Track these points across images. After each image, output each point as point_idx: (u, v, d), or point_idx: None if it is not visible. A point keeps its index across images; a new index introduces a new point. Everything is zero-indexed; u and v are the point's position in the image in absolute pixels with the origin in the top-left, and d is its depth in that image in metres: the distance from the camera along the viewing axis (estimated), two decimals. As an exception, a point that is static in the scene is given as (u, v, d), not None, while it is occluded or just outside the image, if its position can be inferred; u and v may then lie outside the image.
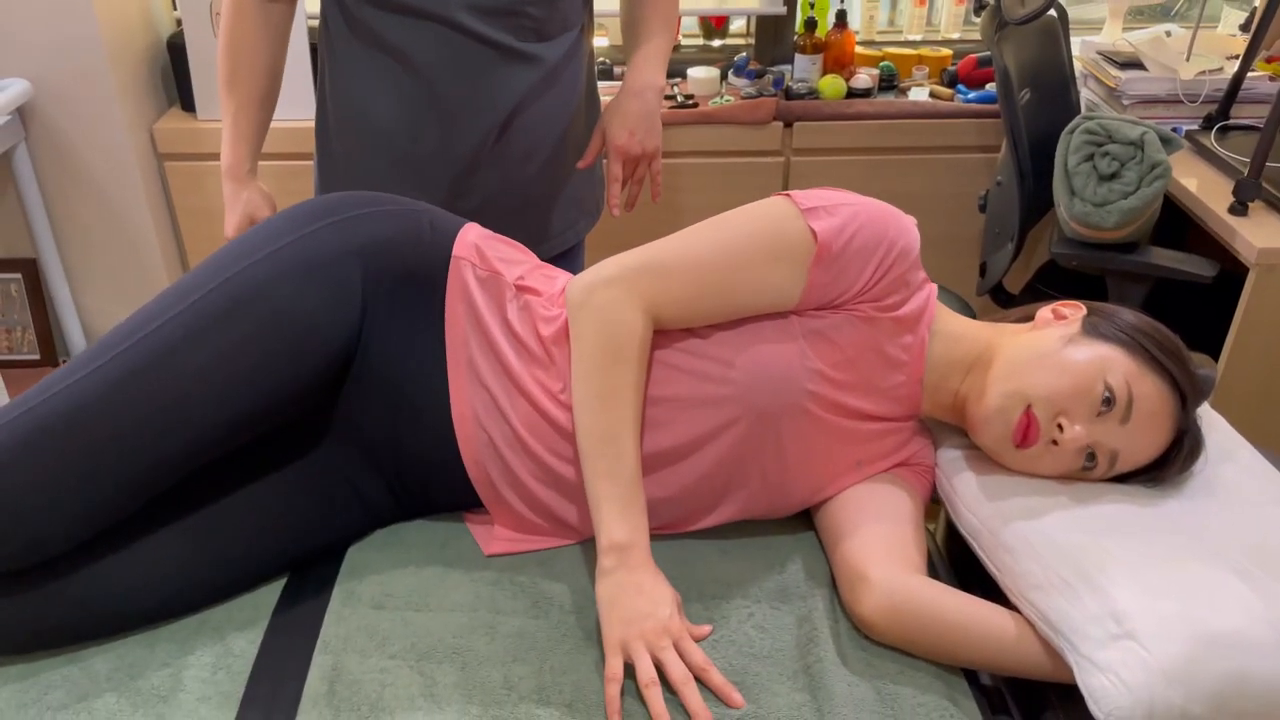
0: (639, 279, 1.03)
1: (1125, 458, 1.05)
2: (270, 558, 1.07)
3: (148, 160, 2.34)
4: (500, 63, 1.36)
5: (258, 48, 1.39)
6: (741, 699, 0.94)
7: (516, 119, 1.41)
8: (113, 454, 0.95)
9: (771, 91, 2.37)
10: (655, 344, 1.07)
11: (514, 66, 1.37)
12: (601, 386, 1.01)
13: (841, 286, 1.06)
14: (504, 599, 1.06)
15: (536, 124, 1.43)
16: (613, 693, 0.92)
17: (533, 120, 1.42)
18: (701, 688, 0.94)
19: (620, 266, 1.04)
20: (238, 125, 1.42)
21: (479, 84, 1.36)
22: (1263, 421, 1.80)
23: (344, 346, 1.05)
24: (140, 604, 1.01)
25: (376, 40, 1.36)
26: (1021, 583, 0.98)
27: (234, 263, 1.02)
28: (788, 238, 1.04)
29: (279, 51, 1.42)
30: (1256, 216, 1.79)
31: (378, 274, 1.06)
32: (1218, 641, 0.87)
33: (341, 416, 1.08)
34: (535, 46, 1.38)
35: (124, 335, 0.99)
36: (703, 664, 0.95)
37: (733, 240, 1.05)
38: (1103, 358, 1.03)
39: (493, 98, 1.37)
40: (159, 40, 2.38)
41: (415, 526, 1.15)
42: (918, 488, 1.14)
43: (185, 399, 0.97)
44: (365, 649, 1.00)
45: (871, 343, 1.08)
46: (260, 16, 1.37)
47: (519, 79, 1.38)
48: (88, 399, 0.95)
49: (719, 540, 1.15)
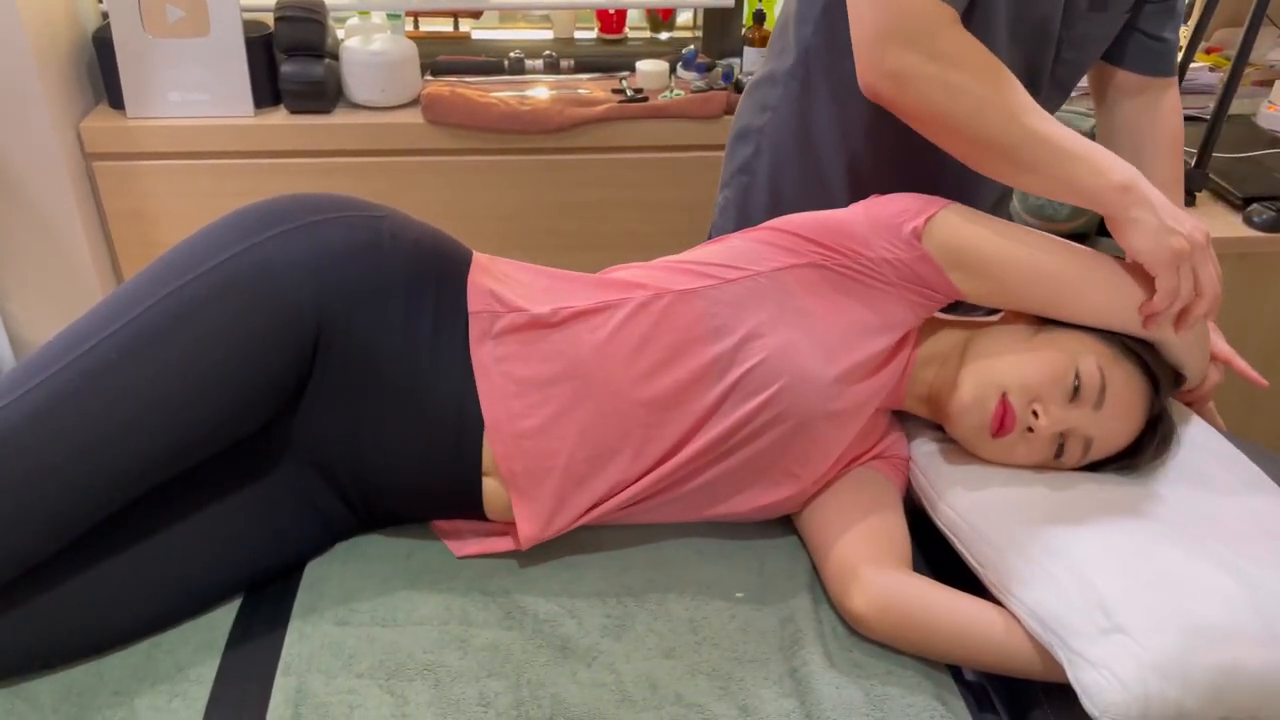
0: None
1: (1099, 444, 1.05)
2: (224, 578, 1.02)
3: (75, 160, 2.23)
4: None
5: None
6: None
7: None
8: (43, 488, 0.87)
9: (721, 85, 2.35)
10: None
11: None
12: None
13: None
14: (475, 610, 1.02)
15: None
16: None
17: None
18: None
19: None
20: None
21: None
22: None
23: (295, 364, 0.98)
24: (86, 632, 0.94)
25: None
26: (1006, 577, 0.97)
27: (175, 276, 0.95)
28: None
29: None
30: (1203, 206, 1.82)
31: (333, 287, 0.99)
32: (1208, 633, 0.86)
33: (296, 430, 1.03)
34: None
35: (54, 357, 0.91)
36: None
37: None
38: (1075, 343, 1.04)
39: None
40: (84, 35, 2.28)
41: (377, 538, 1.10)
42: (895, 480, 1.13)
43: (123, 424, 0.89)
44: (330, 669, 0.95)
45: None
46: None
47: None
48: (13, 429, 0.87)
49: (697, 539, 1.12)
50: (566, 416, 1.02)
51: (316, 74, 2.19)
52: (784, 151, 1.30)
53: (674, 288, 1.05)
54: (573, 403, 1.02)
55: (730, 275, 1.05)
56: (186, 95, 2.21)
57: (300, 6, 2.18)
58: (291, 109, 2.24)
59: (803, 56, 1.23)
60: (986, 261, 1.03)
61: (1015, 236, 1.04)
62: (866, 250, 1.05)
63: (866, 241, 1.05)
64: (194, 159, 2.24)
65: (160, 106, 2.22)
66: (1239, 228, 1.75)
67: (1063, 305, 1.05)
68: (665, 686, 0.94)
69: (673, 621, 1.01)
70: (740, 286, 1.05)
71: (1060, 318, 1.06)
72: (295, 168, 2.25)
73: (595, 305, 1.04)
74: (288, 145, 2.25)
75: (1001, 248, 1.03)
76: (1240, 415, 1.87)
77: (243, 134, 2.22)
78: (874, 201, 1.09)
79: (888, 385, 1.08)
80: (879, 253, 1.05)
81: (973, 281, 1.05)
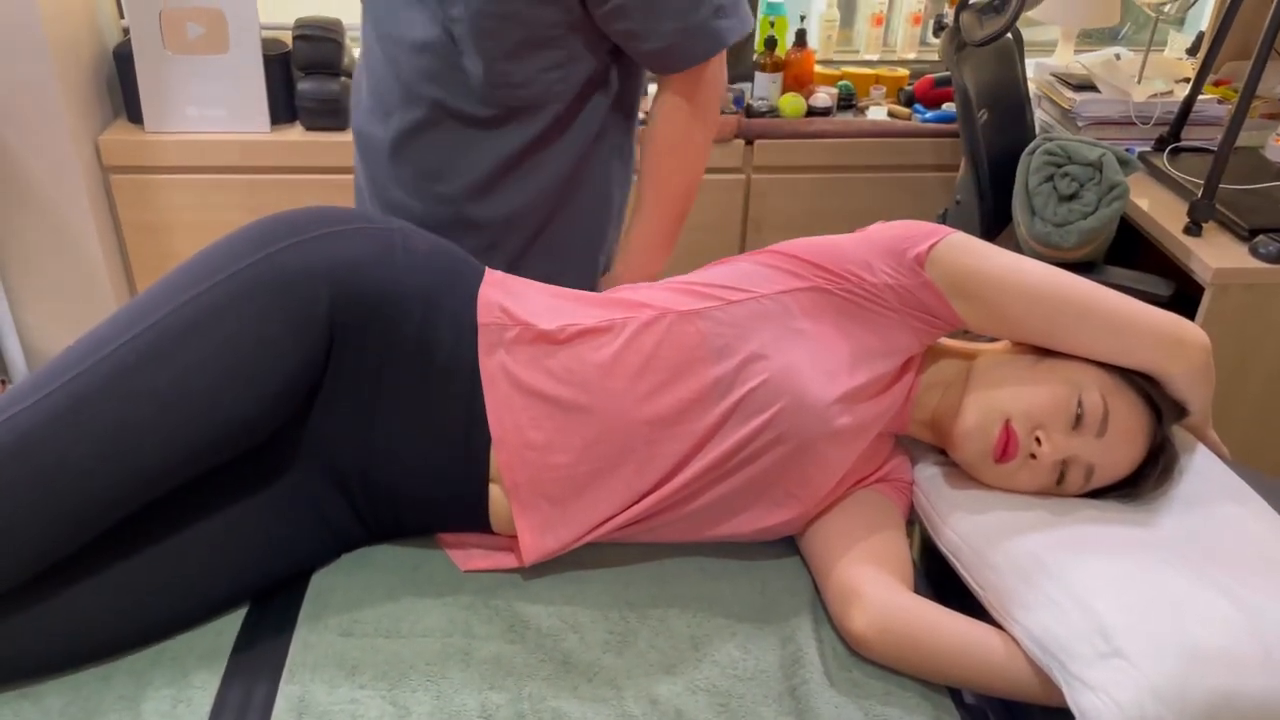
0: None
1: (1101, 472, 1.05)
2: (232, 585, 1.03)
3: (93, 173, 2.26)
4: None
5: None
6: None
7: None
8: (62, 487, 0.89)
9: (733, 110, 2.38)
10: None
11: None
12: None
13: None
14: (479, 623, 1.02)
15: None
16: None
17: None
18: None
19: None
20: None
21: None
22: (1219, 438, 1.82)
23: (309, 371, 1.00)
24: (95, 636, 0.95)
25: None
26: (1007, 600, 0.97)
27: (192, 284, 0.97)
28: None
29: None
30: (1210, 237, 1.83)
31: (347, 295, 1.01)
32: (1207, 659, 0.86)
33: (307, 438, 1.04)
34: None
35: (74, 360, 0.93)
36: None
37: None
38: (1079, 372, 1.05)
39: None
40: (105, 50, 2.32)
41: (384, 549, 1.11)
42: (898, 503, 1.13)
43: (139, 427, 0.91)
44: (334, 679, 0.95)
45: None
46: None
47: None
48: (35, 429, 0.89)
49: (700, 559, 1.12)
50: (570, 431, 1.03)
51: (333, 91, 2.22)
52: None
53: (678, 308, 1.06)
54: (577, 418, 1.03)
55: (734, 297, 1.06)
56: (204, 110, 2.24)
57: (318, 25, 2.21)
58: (307, 125, 2.27)
59: None
60: (988, 291, 1.04)
61: (1018, 267, 1.05)
62: (870, 276, 1.06)
63: (870, 267, 1.06)
64: (210, 173, 2.27)
65: (178, 121, 2.25)
66: (1246, 259, 1.76)
67: (1064, 337, 1.06)
68: (665, 702, 0.95)
69: (674, 638, 1.02)
70: (743, 308, 1.06)
71: (1061, 349, 1.07)
72: (310, 183, 2.28)
73: (600, 324, 1.06)
74: (303, 161, 2.27)
75: (1003, 278, 1.04)
76: (1245, 442, 1.87)
77: (258, 149, 2.25)
78: (878, 228, 1.10)
79: (890, 409, 1.09)
80: (882, 278, 1.06)
81: (974, 310, 1.06)
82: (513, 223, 1.33)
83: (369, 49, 1.28)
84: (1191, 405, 1.10)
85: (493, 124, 1.25)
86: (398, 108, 1.26)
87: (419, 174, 1.30)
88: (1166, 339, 1.05)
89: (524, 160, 1.29)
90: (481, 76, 1.20)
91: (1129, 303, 1.06)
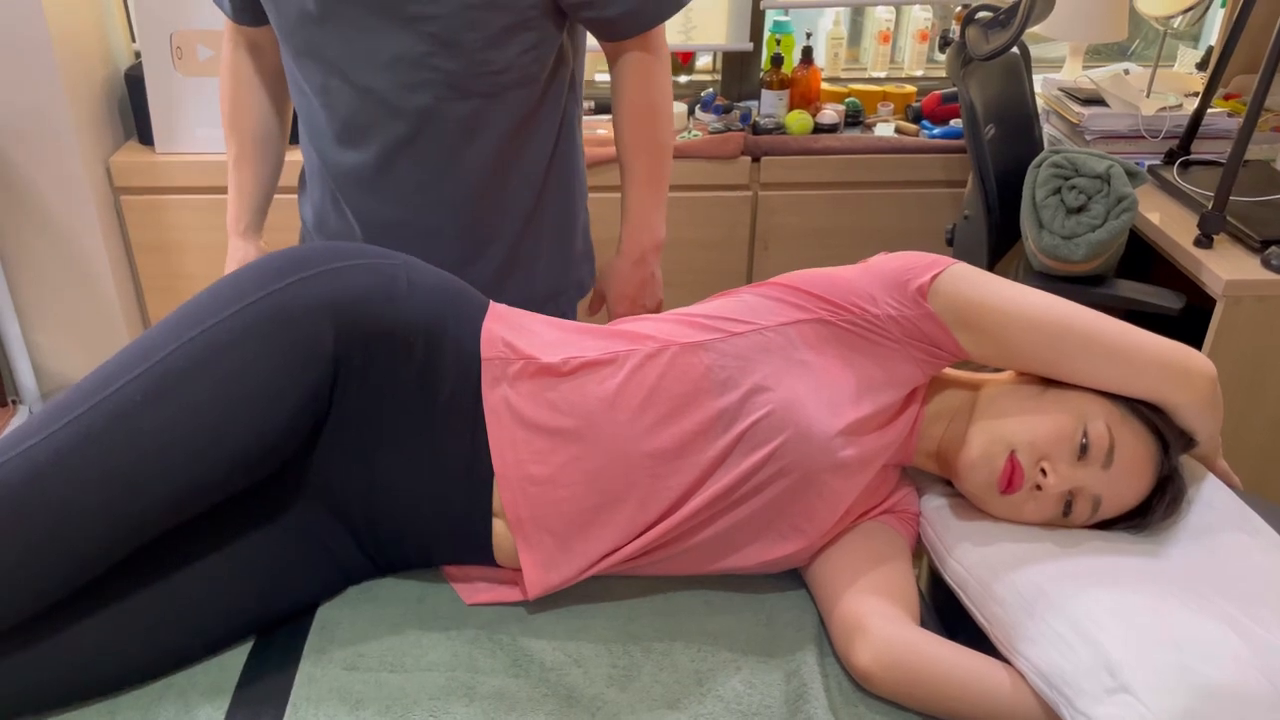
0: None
1: (1108, 503, 1.04)
2: (236, 619, 1.03)
3: (104, 194, 2.28)
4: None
5: (250, 100, 1.41)
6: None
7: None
8: (67, 525, 0.90)
9: (739, 126, 2.38)
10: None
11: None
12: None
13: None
14: (483, 657, 1.02)
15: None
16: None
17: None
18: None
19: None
20: (235, 179, 1.44)
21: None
22: (1230, 456, 1.81)
23: (313, 406, 1.00)
24: (100, 671, 0.96)
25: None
26: (1013, 634, 0.97)
27: (198, 322, 0.97)
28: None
29: (273, 105, 1.43)
30: (1221, 249, 1.81)
31: (351, 331, 1.02)
32: (1215, 695, 0.85)
33: (311, 473, 1.04)
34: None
35: (80, 398, 0.94)
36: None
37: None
38: (1084, 402, 1.04)
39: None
40: (117, 72, 2.33)
41: (389, 582, 1.11)
42: (905, 535, 1.13)
43: (143, 464, 0.92)
44: (337, 713, 0.95)
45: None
46: (250, 72, 1.40)
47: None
48: (39, 466, 0.90)
49: (705, 592, 1.12)
50: (574, 465, 1.03)
51: (340, 113, 2.23)
52: None
53: (681, 340, 1.06)
54: (580, 452, 1.03)
55: (737, 329, 1.06)
56: (214, 132, 2.25)
57: (326, 47, 2.22)
58: (315, 147, 2.27)
59: None
60: (990, 321, 1.04)
61: (1021, 298, 1.05)
62: (873, 307, 1.06)
63: (873, 299, 1.06)
64: (220, 194, 2.28)
65: (188, 142, 2.26)
66: (1257, 270, 1.75)
67: (1067, 366, 1.05)
68: (669, 738, 0.95)
69: (678, 672, 1.01)
70: (747, 340, 1.05)
71: (1066, 379, 1.06)
72: (318, 204, 2.28)
73: (604, 356, 1.06)
74: (311, 182, 2.27)
75: (1006, 308, 1.04)
76: (1261, 454, 1.85)
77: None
78: (881, 259, 1.09)
79: (895, 441, 1.08)
80: (885, 310, 1.05)
81: (977, 341, 1.05)
82: (508, 211, 1.35)
83: (326, 89, 1.28)
84: (1199, 435, 1.09)
85: (476, 118, 1.27)
86: (375, 128, 1.28)
87: (412, 185, 1.31)
88: (1171, 368, 1.04)
89: (511, 146, 1.30)
90: (462, 70, 1.22)
91: (1133, 332, 1.05)
